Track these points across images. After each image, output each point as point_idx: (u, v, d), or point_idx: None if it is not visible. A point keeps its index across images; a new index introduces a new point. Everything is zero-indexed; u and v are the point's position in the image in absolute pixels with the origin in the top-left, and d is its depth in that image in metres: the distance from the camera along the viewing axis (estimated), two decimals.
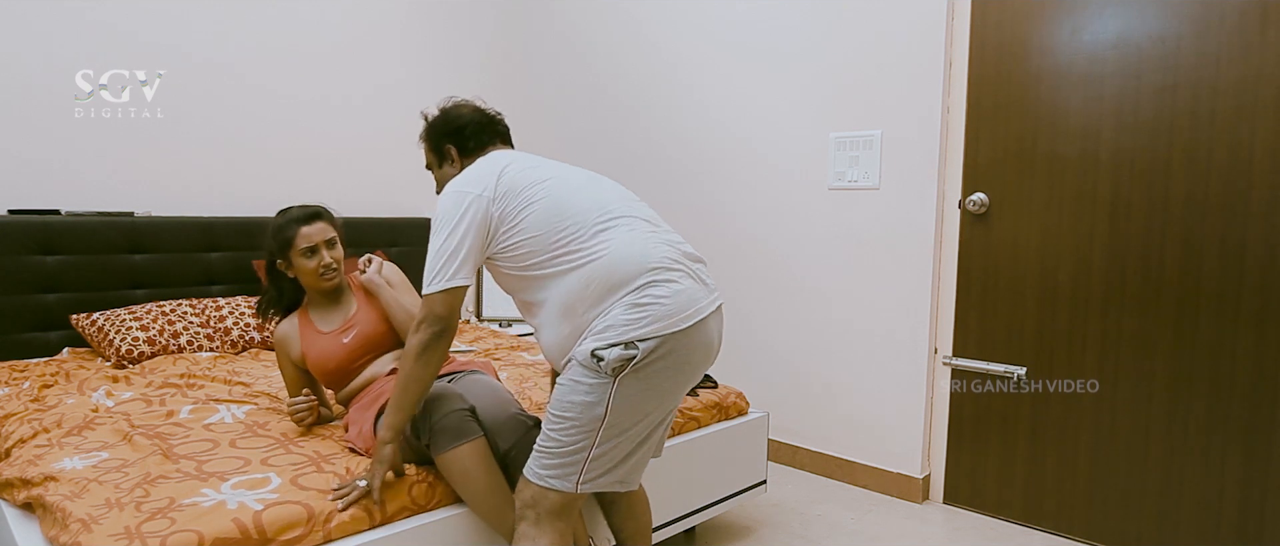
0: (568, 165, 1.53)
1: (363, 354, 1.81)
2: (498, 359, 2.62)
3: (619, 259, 1.33)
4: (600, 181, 1.50)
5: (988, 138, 2.34)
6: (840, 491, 2.63)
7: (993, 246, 2.35)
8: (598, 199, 1.42)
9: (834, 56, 2.65)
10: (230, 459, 1.55)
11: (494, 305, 3.75)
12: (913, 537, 2.28)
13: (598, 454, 1.34)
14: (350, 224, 3.15)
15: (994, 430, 2.40)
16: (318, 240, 1.79)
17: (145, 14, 2.71)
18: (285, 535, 1.30)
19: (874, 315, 2.62)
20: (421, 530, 1.47)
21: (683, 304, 1.32)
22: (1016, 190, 2.29)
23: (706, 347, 1.38)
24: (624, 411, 1.32)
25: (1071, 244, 2.21)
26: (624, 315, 1.30)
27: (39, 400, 1.96)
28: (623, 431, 1.34)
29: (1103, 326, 2.16)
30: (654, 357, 1.29)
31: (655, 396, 1.35)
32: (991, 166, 2.34)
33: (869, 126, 2.58)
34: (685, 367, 1.36)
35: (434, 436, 1.48)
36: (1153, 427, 2.09)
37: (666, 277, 1.33)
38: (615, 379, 1.30)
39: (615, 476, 1.38)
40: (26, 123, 2.50)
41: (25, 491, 1.46)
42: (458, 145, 1.59)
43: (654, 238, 1.39)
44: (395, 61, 3.44)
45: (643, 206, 1.49)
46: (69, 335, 2.48)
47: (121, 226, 2.58)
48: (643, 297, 1.30)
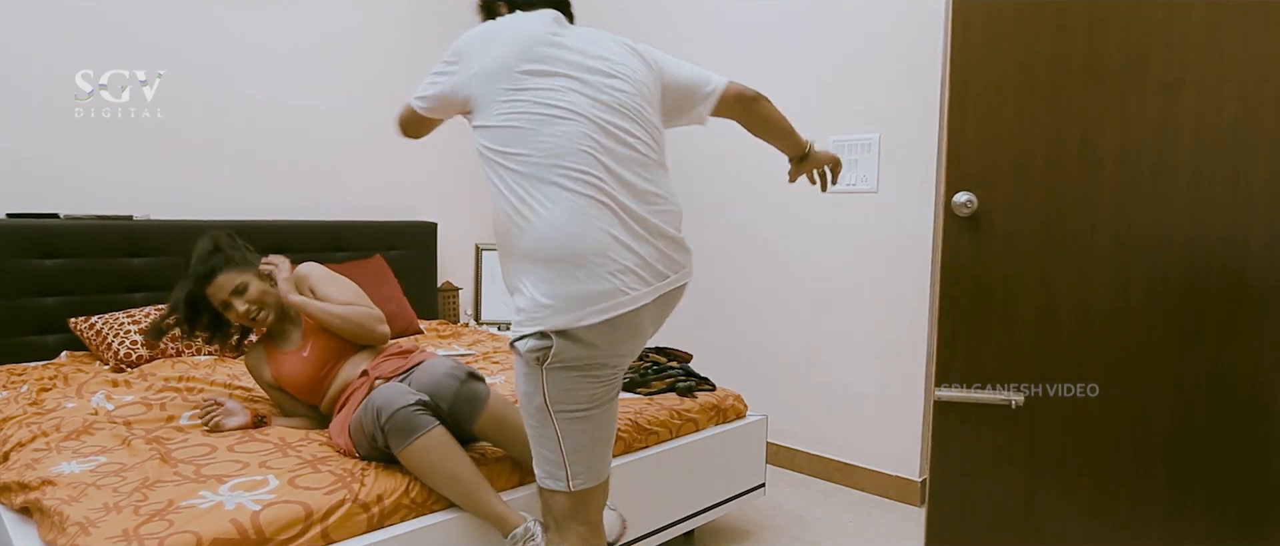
0: (596, 52, 1.35)
1: (325, 363, 1.81)
2: (495, 362, 2.63)
3: (548, 228, 1.22)
4: (605, 86, 1.32)
5: (988, 136, 2.25)
6: (839, 494, 2.63)
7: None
8: (570, 118, 1.26)
9: (833, 60, 2.66)
10: (228, 462, 1.55)
11: (492, 308, 3.76)
12: (911, 540, 2.28)
13: (569, 446, 1.30)
14: (348, 227, 3.17)
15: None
16: (225, 295, 1.76)
17: (145, 16, 2.71)
18: (283, 535, 1.31)
19: (872, 318, 2.62)
20: (420, 533, 1.47)
21: (600, 296, 1.21)
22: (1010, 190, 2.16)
23: (635, 333, 1.29)
24: (564, 398, 1.27)
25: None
26: (538, 295, 1.23)
27: (37, 404, 1.95)
28: (578, 418, 1.29)
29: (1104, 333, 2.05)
30: (572, 351, 1.23)
31: (587, 380, 1.27)
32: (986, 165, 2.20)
33: (867, 130, 2.59)
34: (615, 350, 1.27)
35: (388, 437, 1.48)
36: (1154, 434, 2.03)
37: (584, 268, 1.21)
38: (541, 368, 1.25)
39: (597, 466, 1.33)
40: (25, 124, 2.51)
41: (23, 495, 1.46)
42: (509, 4, 1.47)
43: (584, 206, 1.23)
44: (393, 65, 3.45)
45: (623, 146, 1.30)
46: (67, 339, 2.48)
47: (120, 230, 2.58)
48: (561, 282, 1.21)
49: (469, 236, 3.78)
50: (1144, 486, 1.94)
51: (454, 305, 3.62)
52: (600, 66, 1.33)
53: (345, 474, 1.50)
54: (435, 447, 1.48)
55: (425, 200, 3.60)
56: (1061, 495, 1.96)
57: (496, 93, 1.29)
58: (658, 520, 1.90)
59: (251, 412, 1.82)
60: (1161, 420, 1.92)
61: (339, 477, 1.48)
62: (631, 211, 1.27)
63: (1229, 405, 1.87)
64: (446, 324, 3.36)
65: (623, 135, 1.30)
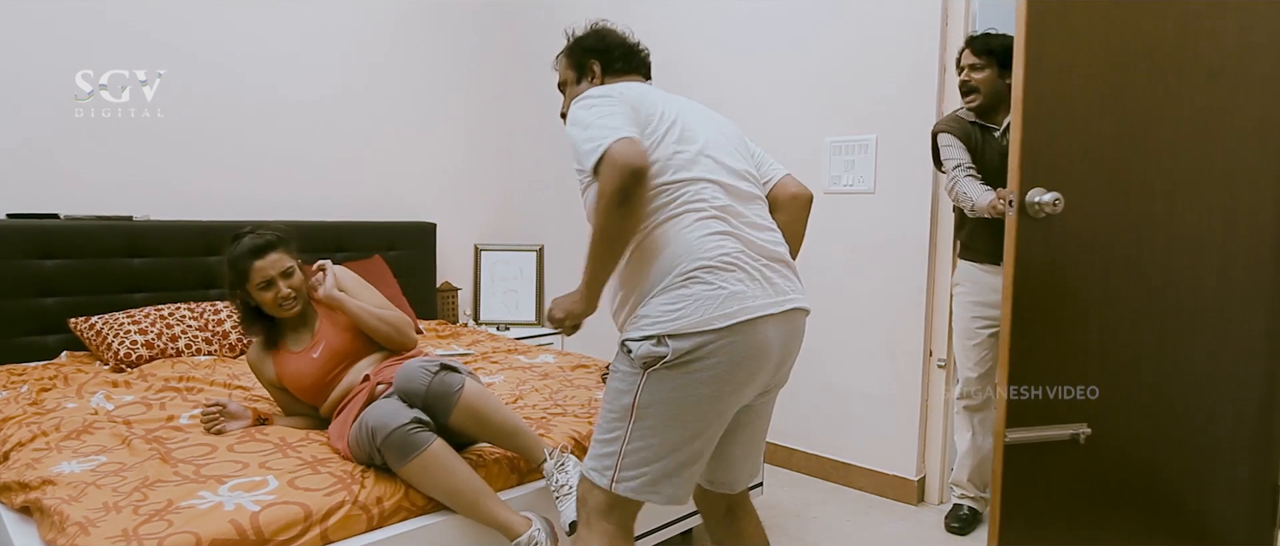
0: (699, 109, 1.45)
1: (334, 366, 1.82)
2: (495, 362, 2.63)
3: (670, 242, 1.26)
4: (718, 137, 1.40)
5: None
6: (836, 493, 2.64)
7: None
8: (700, 160, 1.32)
9: (830, 62, 2.66)
10: (228, 462, 1.56)
11: (491, 308, 3.77)
12: (908, 539, 2.29)
13: (630, 450, 1.28)
14: (347, 227, 3.18)
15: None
16: (272, 273, 1.77)
17: (144, 17, 2.72)
18: (282, 536, 1.31)
19: (869, 318, 2.63)
20: (418, 534, 1.48)
21: (724, 301, 1.23)
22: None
23: (757, 353, 1.27)
24: (654, 409, 1.26)
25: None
26: (660, 306, 1.24)
27: (37, 404, 1.96)
28: (654, 432, 1.27)
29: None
30: (687, 358, 1.22)
31: (692, 402, 1.25)
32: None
33: (864, 131, 2.59)
34: (729, 375, 1.25)
35: (386, 457, 1.49)
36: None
37: (712, 274, 1.24)
38: (645, 372, 1.25)
39: (651, 485, 1.28)
40: (25, 124, 2.51)
41: (23, 495, 1.46)
42: (603, 62, 1.53)
43: (716, 227, 1.28)
44: (392, 65, 3.46)
45: (742, 182, 1.37)
46: (67, 339, 2.49)
47: (120, 230, 2.59)
48: (682, 290, 1.24)
49: (468, 237, 3.79)
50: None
51: (453, 305, 3.63)
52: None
53: (345, 475, 1.50)
54: (433, 465, 1.48)
55: (424, 201, 3.61)
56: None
57: (644, 128, 1.35)
58: (656, 520, 1.90)
59: (253, 413, 1.83)
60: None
61: (339, 479, 1.48)
62: (739, 233, 1.33)
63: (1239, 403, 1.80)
64: (445, 324, 3.37)
65: (735, 155, 1.44)
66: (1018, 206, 1.49)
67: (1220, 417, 1.79)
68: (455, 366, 1.65)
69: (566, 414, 1.96)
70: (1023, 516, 1.59)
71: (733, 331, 1.23)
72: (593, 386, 2.26)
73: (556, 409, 2.01)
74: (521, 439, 1.63)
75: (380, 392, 1.70)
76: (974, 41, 2.19)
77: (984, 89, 2.16)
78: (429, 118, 3.61)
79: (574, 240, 3.64)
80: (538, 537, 1.48)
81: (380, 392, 1.70)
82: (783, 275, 1.33)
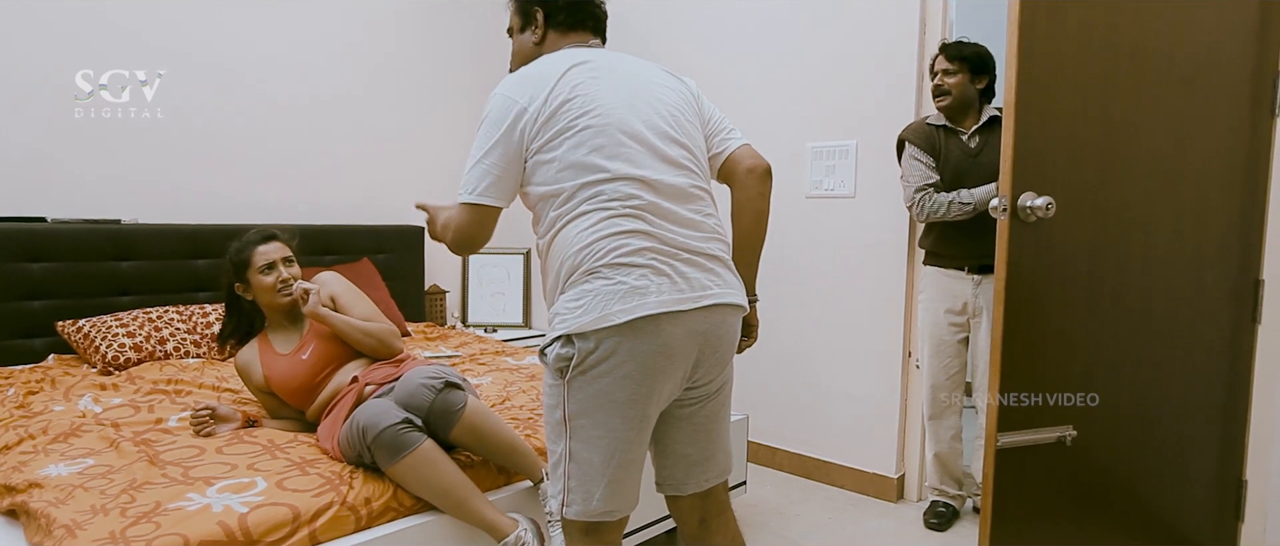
0: (637, 83, 1.33)
1: (323, 367, 1.83)
2: (482, 364, 2.66)
3: (573, 241, 1.23)
4: (651, 119, 1.30)
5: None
6: (818, 491, 2.69)
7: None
8: (620, 154, 1.25)
9: (814, 70, 2.71)
10: (217, 464, 1.56)
11: (479, 311, 3.79)
12: (888, 535, 2.33)
13: (572, 469, 1.26)
14: (336, 231, 3.20)
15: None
16: (274, 257, 1.84)
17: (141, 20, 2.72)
18: (270, 537, 1.32)
19: (850, 319, 2.68)
20: (406, 533, 1.49)
21: (623, 297, 1.18)
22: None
23: (663, 351, 1.21)
24: (581, 420, 1.23)
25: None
26: (565, 303, 1.23)
27: (24, 407, 1.96)
28: (588, 445, 1.24)
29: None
30: (595, 360, 1.19)
31: (611, 407, 1.22)
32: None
33: (845, 137, 2.64)
34: (640, 376, 1.21)
35: (375, 456, 1.51)
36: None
37: (613, 270, 1.20)
38: (564, 382, 1.23)
39: (595, 503, 1.26)
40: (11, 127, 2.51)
41: (9, 498, 1.46)
42: (547, 11, 1.42)
43: (624, 226, 1.23)
44: (382, 72, 3.47)
45: (672, 175, 1.29)
46: (55, 342, 2.49)
47: (108, 233, 2.59)
48: (584, 286, 1.21)
49: None
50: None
51: (441, 307, 3.65)
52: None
53: (333, 477, 1.51)
54: (422, 464, 1.50)
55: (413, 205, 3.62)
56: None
57: (550, 132, 1.33)
58: (642, 518, 1.93)
59: (242, 415, 1.84)
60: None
61: (327, 480, 1.49)
62: (655, 225, 1.28)
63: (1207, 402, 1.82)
64: (433, 326, 3.39)
65: (666, 134, 1.39)
66: (1010, 210, 1.49)
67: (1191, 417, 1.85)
68: (459, 383, 1.67)
69: None
70: (1012, 517, 1.61)
71: (633, 329, 1.18)
72: None
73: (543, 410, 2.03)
74: (520, 457, 1.65)
75: (369, 393, 1.72)
76: (947, 48, 2.27)
77: (955, 93, 2.25)
78: (418, 123, 3.63)
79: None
80: (525, 538, 1.50)
81: (369, 393, 1.72)
82: (704, 270, 1.27)
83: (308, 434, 1.82)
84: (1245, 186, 1.84)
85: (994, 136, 2.22)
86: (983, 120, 2.28)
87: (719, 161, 1.44)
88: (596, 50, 1.40)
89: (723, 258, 1.33)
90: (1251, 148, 1.83)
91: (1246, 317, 1.88)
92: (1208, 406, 1.87)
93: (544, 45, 1.44)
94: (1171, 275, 1.77)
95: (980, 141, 2.27)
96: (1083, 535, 1.75)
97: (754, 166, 1.42)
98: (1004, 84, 1.53)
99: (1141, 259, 1.72)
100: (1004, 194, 1.50)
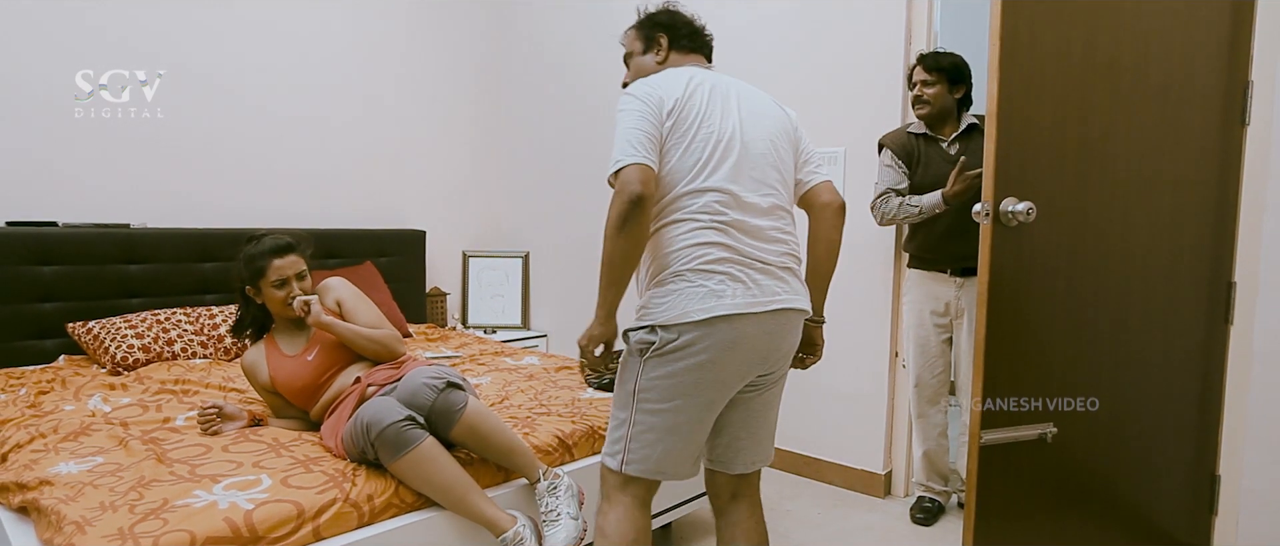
0: (750, 104, 1.50)
1: (328, 369, 1.87)
2: (482, 364, 2.71)
3: (668, 245, 1.39)
4: (755, 140, 1.46)
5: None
6: (808, 487, 2.74)
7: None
8: (720, 170, 1.40)
9: (805, 79, 2.76)
10: (223, 462, 1.59)
11: (479, 312, 3.85)
12: (876, 531, 2.39)
13: (635, 434, 1.41)
14: (340, 235, 3.25)
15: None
16: (289, 273, 1.86)
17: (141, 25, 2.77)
18: (275, 533, 1.35)
19: (839, 320, 2.72)
20: (408, 529, 1.52)
21: (702, 298, 1.35)
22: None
23: (735, 346, 1.37)
24: (650, 394, 1.39)
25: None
26: (653, 299, 1.39)
27: (35, 406, 2.00)
28: (654, 413, 1.40)
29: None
30: (673, 347, 1.35)
31: (681, 388, 1.38)
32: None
33: (834, 144, 2.69)
34: (712, 365, 1.37)
35: (378, 452, 1.55)
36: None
37: (696, 275, 1.36)
38: (641, 359, 1.39)
39: (653, 463, 1.41)
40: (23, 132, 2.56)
41: (20, 495, 1.49)
42: (670, 36, 1.60)
43: (710, 237, 1.37)
44: (386, 79, 3.51)
45: (761, 195, 1.44)
46: (65, 343, 2.54)
47: (117, 238, 2.64)
48: (671, 286, 1.37)
49: (456, 244, 3.86)
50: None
51: (442, 309, 3.71)
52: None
53: (337, 474, 1.54)
54: (424, 461, 1.54)
55: (414, 209, 3.68)
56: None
57: (679, 129, 1.45)
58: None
59: (248, 414, 1.89)
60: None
61: (331, 477, 1.52)
62: (736, 238, 1.41)
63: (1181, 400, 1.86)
64: (434, 327, 3.44)
65: (757, 159, 1.52)
66: (992, 215, 1.54)
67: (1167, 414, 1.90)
68: (460, 383, 1.71)
69: (551, 414, 2.01)
70: (995, 512, 1.66)
71: (709, 325, 1.34)
72: (576, 387, 2.32)
73: (541, 409, 2.06)
74: (518, 458, 1.69)
75: (371, 393, 1.76)
76: (925, 58, 2.32)
77: (934, 102, 2.30)
78: (421, 131, 3.68)
79: (559, 247, 3.72)
80: (523, 534, 1.54)
81: (371, 393, 1.76)
82: (776, 278, 1.43)
83: (311, 433, 1.85)
84: (1218, 192, 1.89)
85: (973, 143, 2.27)
86: (962, 128, 2.34)
87: (803, 189, 1.59)
88: (714, 72, 1.55)
89: (794, 269, 1.49)
90: (1223, 156, 1.89)
91: (1219, 318, 1.93)
92: (1182, 404, 1.92)
93: (665, 66, 1.58)
94: (1148, 278, 1.82)
95: (960, 148, 2.32)
96: (1064, 529, 1.81)
97: (830, 202, 1.59)
98: (985, 94, 1.58)
99: (1119, 262, 1.78)
100: (986, 199, 1.54)
